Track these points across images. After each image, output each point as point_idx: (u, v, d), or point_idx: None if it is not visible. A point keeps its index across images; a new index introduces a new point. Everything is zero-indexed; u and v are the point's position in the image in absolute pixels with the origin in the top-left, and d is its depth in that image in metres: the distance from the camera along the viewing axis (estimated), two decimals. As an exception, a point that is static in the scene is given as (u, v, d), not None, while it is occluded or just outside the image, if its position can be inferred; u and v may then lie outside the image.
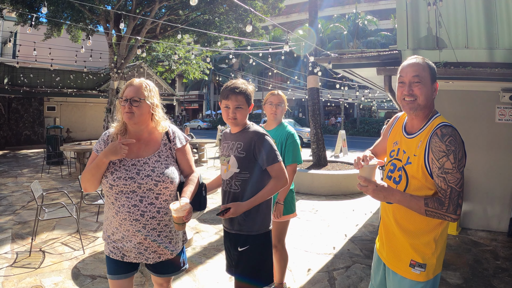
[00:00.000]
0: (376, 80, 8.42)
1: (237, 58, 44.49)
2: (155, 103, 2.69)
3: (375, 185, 2.13)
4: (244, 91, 2.79)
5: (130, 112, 2.57)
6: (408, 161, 2.24)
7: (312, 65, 11.63)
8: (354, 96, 30.62)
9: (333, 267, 5.15)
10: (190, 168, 2.84)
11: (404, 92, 2.22)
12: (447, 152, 2.05)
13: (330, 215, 7.83)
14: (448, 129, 2.11)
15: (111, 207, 2.60)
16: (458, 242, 6.11)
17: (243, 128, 2.90)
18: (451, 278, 4.75)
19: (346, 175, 10.15)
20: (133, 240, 2.58)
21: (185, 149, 2.84)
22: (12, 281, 4.55)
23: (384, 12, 45.24)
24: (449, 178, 2.05)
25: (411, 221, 2.22)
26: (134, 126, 2.66)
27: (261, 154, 2.77)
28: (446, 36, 5.74)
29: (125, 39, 17.25)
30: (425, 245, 2.20)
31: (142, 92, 2.62)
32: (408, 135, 2.33)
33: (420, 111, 2.22)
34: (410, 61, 2.26)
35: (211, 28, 18.03)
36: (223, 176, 2.94)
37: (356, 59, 6.47)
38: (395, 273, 2.31)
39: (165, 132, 2.78)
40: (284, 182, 2.82)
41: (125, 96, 2.61)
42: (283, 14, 46.33)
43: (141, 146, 2.69)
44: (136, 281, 4.57)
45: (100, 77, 23.31)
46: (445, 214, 2.04)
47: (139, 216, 2.55)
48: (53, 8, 15.48)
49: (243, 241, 2.85)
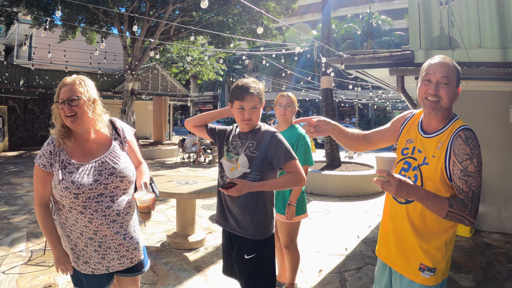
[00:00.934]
0: (389, 80, 8.38)
1: (251, 59, 44.55)
2: (94, 98, 2.53)
3: (399, 180, 1.92)
4: (257, 91, 2.70)
5: (72, 115, 2.39)
6: (425, 162, 2.17)
7: (325, 66, 11.60)
8: (368, 96, 30.45)
9: (344, 268, 5.14)
10: (138, 159, 2.79)
11: (429, 91, 2.13)
12: (471, 155, 2.01)
13: (343, 216, 7.81)
14: (470, 133, 2.08)
15: (79, 217, 2.40)
16: (471, 244, 6.04)
17: (255, 128, 2.80)
18: (463, 281, 4.70)
19: (359, 176, 10.11)
20: (112, 244, 2.48)
21: (133, 141, 2.78)
22: (26, 279, 4.62)
23: (398, 12, 44.89)
24: (471, 181, 2.01)
25: (424, 221, 2.16)
26: (79, 127, 2.46)
27: (277, 152, 2.67)
28: (458, 35, 5.70)
29: (139, 41, 17.39)
30: (436, 249, 2.16)
31: (77, 89, 2.43)
32: (425, 134, 2.25)
33: (441, 112, 2.16)
34: (439, 60, 2.16)
35: (225, 29, 18.08)
36: (229, 174, 2.79)
37: (369, 60, 6.45)
38: (403, 276, 2.25)
39: (111, 126, 2.68)
40: (300, 179, 2.69)
41: (61, 99, 2.41)
42: (297, 14, 46.29)
43: (93, 146, 2.54)
44: (148, 280, 4.62)
45: (115, 78, 23.49)
46: (466, 216, 1.99)
47: (115, 216, 2.46)
48: (68, 11, 15.67)
49: (249, 247, 2.75)
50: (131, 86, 18.46)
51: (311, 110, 52.81)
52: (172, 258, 5.34)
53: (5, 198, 9.07)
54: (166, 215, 7.71)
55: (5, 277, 4.67)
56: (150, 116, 25.83)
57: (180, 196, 5.36)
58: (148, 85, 24.01)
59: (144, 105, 26.94)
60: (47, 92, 20.07)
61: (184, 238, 5.78)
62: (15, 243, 5.93)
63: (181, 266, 5.08)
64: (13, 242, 5.96)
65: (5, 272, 4.82)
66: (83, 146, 2.50)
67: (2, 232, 6.45)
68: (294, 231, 4.12)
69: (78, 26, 18.80)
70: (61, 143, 2.45)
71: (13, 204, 8.45)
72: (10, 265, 5.03)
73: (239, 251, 2.80)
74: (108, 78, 23.02)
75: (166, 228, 6.79)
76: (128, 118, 18.51)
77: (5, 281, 4.55)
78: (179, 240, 5.75)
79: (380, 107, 45.62)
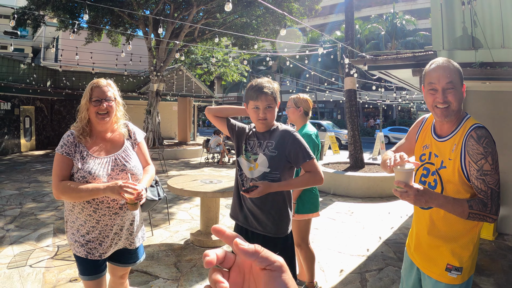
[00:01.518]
0: (412, 81, 8.34)
1: (275, 60, 44.53)
2: (120, 101, 2.82)
3: (417, 190, 1.97)
4: (272, 90, 2.73)
5: (105, 112, 2.66)
6: (442, 165, 2.19)
7: (349, 67, 11.58)
8: (392, 97, 30.17)
9: (365, 268, 5.15)
10: (147, 161, 3.00)
11: (438, 99, 2.14)
12: (485, 154, 2.03)
13: (366, 217, 7.80)
14: (482, 131, 2.08)
15: (86, 206, 2.60)
16: (494, 248, 5.98)
17: (272, 127, 2.84)
18: (484, 284, 4.67)
19: (383, 178, 10.06)
20: (110, 233, 2.69)
21: (143, 143, 3.00)
22: (52, 272, 4.78)
23: (422, 12, 44.26)
24: (488, 180, 2.02)
25: (449, 223, 2.18)
26: (105, 126, 2.74)
27: (296, 152, 2.72)
28: (481, 35, 5.65)
29: (164, 43, 17.58)
30: (463, 247, 2.17)
31: (111, 91, 2.72)
32: (439, 138, 2.27)
33: (454, 116, 2.18)
34: (437, 65, 2.17)
35: (248, 30, 18.15)
36: (247, 174, 2.82)
37: (392, 60, 6.45)
38: (430, 277, 2.28)
39: (125, 128, 2.90)
40: (319, 178, 2.75)
41: (96, 97, 2.65)
42: (320, 15, 46.03)
43: (108, 144, 2.77)
44: (171, 276, 4.73)
45: (140, 79, 23.79)
46: (488, 215, 2.00)
47: (118, 209, 2.67)
48: (93, 14, 15.95)
49: (272, 245, 2.74)
50: (156, 87, 18.70)
51: (335, 111, 52.56)
52: (195, 256, 5.44)
53: (33, 195, 9.31)
54: (190, 214, 7.83)
55: (32, 270, 4.84)
56: (175, 117, 26.07)
57: (205, 195, 5.46)
58: (173, 86, 24.26)
59: (169, 106, 27.20)
60: (74, 93, 20.46)
61: (207, 236, 5.87)
62: (42, 238, 6.12)
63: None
64: (40, 237, 6.15)
65: (32, 265, 5.00)
66: (100, 143, 2.73)
67: (29, 227, 6.66)
68: (305, 230, 4.16)
69: (103, 28, 19.12)
70: (81, 139, 2.66)
71: (40, 201, 8.67)
72: (37, 259, 5.21)
73: None
74: (133, 79, 23.34)
75: (190, 226, 6.90)
76: (153, 119, 18.74)
77: (32, 274, 4.72)
78: (203, 238, 5.85)
79: (404, 108, 45.11)
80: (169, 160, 17.11)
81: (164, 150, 16.60)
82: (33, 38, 35.73)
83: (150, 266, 5.01)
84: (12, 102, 18.36)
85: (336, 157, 17.66)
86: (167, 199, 7.70)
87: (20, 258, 5.26)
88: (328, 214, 8.00)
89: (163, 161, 15.11)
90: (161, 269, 4.94)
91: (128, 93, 22.64)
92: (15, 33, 18.11)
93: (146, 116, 18.87)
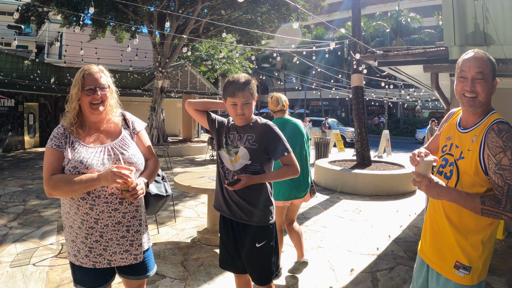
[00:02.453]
0: (422, 78, 8.24)
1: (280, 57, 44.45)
2: (114, 88, 2.59)
3: (429, 181, 2.04)
4: (248, 86, 2.77)
5: (99, 102, 2.43)
6: (461, 156, 2.17)
7: (357, 63, 11.48)
8: (398, 95, 30.08)
9: (376, 268, 5.06)
10: (149, 153, 2.75)
11: (466, 87, 2.13)
12: (504, 148, 1.98)
13: (374, 216, 7.71)
14: (504, 125, 2.04)
15: (81, 204, 2.35)
16: (504, 247, 5.88)
17: (252, 121, 2.89)
18: (496, 284, 4.58)
19: (390, 175, 9.97)
20: (114, 236, 2.41)
21: (143, 133, 2.78)
22: (56, 271, 4.71)
23: (428, 9, 44.13)
24: (506, 175, 1.96)
25: (461, 218, 2.14)
26: (98, 116, 2.49)
27: (275, 145, 2.81)
28: (493, 31, 5.55)
29: (169, 39, 17.53)
30: (472, 246, 2.12)
31: (104, 78, 2.48)
32: (462, 129, 2.25)
33: (480, 108, 2.15)
34: (472, 54, 2.16)
35: (253, 27, 18.07)
36: (229, 166, 2.88)
37: (402, 56, 6.34)
38: (439, 274, 2.24)
39: (122, 118, 2.68)
40: (295, 171, 2.86)
41: (88, 86, 2.40)
42: (325, 12, 45.90)
43: (103, 135, 2.53)
44: (178, 275, 4.65)
45: (145, 76, 23.75)
46: (502, 212, 1.95)
47: (117, 204, 2.40)
48: (98, 10, 15.89)
49: (258, 234, 2.87)
50: (161, 83, 18.65)
51: (339, 109, 52.50)
52: (202, 254, 5.35)
53: (36, 192, 9.25)
54: (196, 211, 7.74)
55: (35, 269, 4.76)
56: (180, 114, 26.02)
57: (212, 192, 5.34)
58: (177, 83, 24.19)
59: (173, 103, 27.17)
60: (78, 90, 20.43)
61: (215, 234, 5.78)
62: (45, 236, 6.05)
63: (211, 262, 5.07)
64: (44, 235, 6.08)
65: (36, 264, 4.93)
66: (94, 134, 2.49)
67: (33, 225, 6.59)
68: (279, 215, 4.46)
69: (107, 25, 19.05)
70: (73, 131, 2.44)
71: (43, 198, 8.61)
72: (40, 257, 5.14)
73: (250, 241, 2.87)
74: (138, 76, 23.31)
75: (197, 224, 6.82)
76: (157, 116, 18.70)
77: (35, 273, 4.65)
78: (210, 236, 5.76)
79: (409, 106, 44.99)
80: (173, 157, 17.06)
81: (169, 147, 16.53)
82: (37, 34, 35.82)
83: (156, 265, 4.91)
84: (16, 99, 18.33)
85: (342, 155, 17.59)
86: (173, 196, 7.62)
87: (23, 256, 5.19)
88: (336, 212, 7.90)
89: (168, 158, 15.07)
90: (168, 268, 4.86)
91: (133, 90, 22.63)
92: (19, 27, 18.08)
93: (151, 113, 18.83)
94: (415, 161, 2.11)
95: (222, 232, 3.07)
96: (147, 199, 2.80)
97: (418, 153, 2.11)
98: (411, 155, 2.17)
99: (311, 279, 4.65)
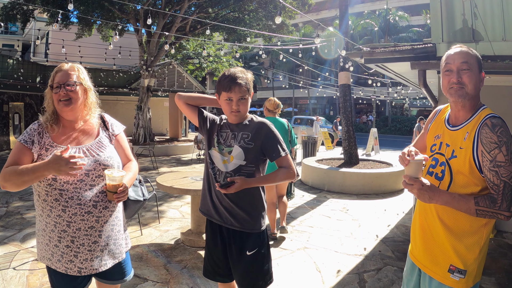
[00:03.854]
0: (409, 75, 8.17)
1: (267, 55, 44.37)
2: (90, 86, 2.48)
3: (421, 184, 1.96)
4: (245, 81, 2.60)
5: (67, 99, 2.32)
6: (453, 155, 2.08)
7: (344, 60, 11.40)
8: (386, 93, 30.14)
9: (363, 269, 4.97)
10: (127, 157, 2.65)
11: (452, 79, 2.08)
12: (499, 143, 1.90)
13: (361, 215, 7.63)
14: (498, 120, 1.97)
15: (54, 205, 2.26)
16: (494, 246, 5.84)
17: (247, 118, 2.74)
18: (486, 284, 4.52)
19: (378, 174, 9.91)
20: (86, 241, 2.32)
21: (122, 136, 2.65)
22: (36, 275, 4.56)
23: (416, 8, 44.42)
24: (501, 172, 1.89)
25: (455, 220, 2.06)
26: (70, 114, 2.38)
27: (272, 146, 2.66)
28: (482, 28, 5.50)
29: (155, 37, 17.39)
30: (468, 248, 2.04)
31: (75, 75, 2.39)
32: (452, 127, 2.17)
33: (468, 100, 2.08)
34: (457, 49, 2.13)
35: (241, 25, 17.99)
36: (221, 167, 2.69)
37: (389, 53, 6.24)
38: (431, 278, 2.15)
39: (100, 119, 2.58)
40: (293, 173, 2.70)
41: (56, 83, 2.34)
42: (313, 11, 45.99)
43: (79, 135, 2.43)
44: (160, 278, 4.52)
45: (131, 75, 23.52)
46: (498, 212, 1.88)
47: (91, 207, 2.30)
48: (84, 8, 15.69)
49: (250, 242, 2.69)
50: (147, 82, 18.50)
51: (327, 107, 52.58)
52: (186, 256, 5.22)
53: (19, 193, 9.03)
54: (181, 212, 7.61)
55: (15, 273, 4.61)
56: (166, 113, 25.85)
57: (195, 193, 5.23)
58: (164, 81, 24.00)
59: (160, 102, 26.98)
60: (63, 89, 20.25)
61: (198, 235, 5.66)
62: (27, 238, 5.88)
63: (195, 264, 4.95)
64: (25, 237, 5.91)
65: (16, 268, 4.77)
66: (69, 134, 2.40)
67: (14, 227, 6.42)
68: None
69: (94, 23, 18.84)
70: (47, 126, 2.36)
71: (27, 199, 8.42)
72: (21, 261, 4.98)
73: (240, 248, 2.70)
74: (124, 74, 23.06)
75: (181, 225, 6.68)
76: (144, 115, 18.55)
77: (15, 277, 4.50)
78: (194, 237, 5.63)
79: (397, 104, 45.20)
80: (160, 157, 16.90)
81: (155, 146, 16.38)
82: (22, 33, 35.43)
83: (138, 267, 4.78)
84: (1, 98, 18.04)
85: (330, 153, 17.55)
86: (157, 197, 7.48)
87: (3, 260, 5.03)
88: (323, 212, 7.81)
89: (154, 157, 14.91)
90: (150, 271, 4.73)
91: (119, 89, 22.39)
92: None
93: (137, 112, 18.66)
94: (405, 161, 2.02)
95: (208, 239, 2.87)
96: (125, 203, 2.71)
97: (408, 152, 2.03)
98: (400, 154, 2.09)
99: (297, 281, 4.55)
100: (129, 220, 6.44)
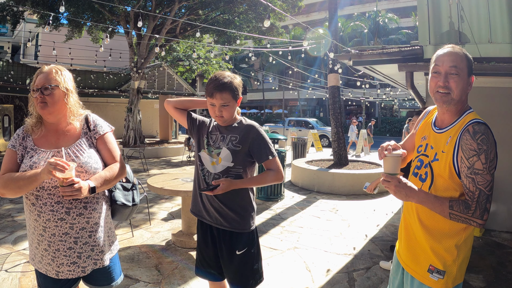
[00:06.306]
0: (397, 77, 8.27)
1: (258, 57, 44.37)
2: (69, 88, 2.42)
3: (398, 181, 1.96)
4: (229, 87, 2.60)
5: (43, 102, 2.30)
6: (436, 158, 2.07)
7: (333, 62, 11.49)
8: (375, 94, 30.32)
9: (353, 268, 5.03)
10: (113, 158, 2.55)
11: (439, 83, 2.03)
12: (479, 151, 1.89)
13: (351, 215, 7.70)
14: (481, 127, 1.93)
15: (31, 209, 2.28)
16: (482, 244, 5.93)
17: (236, 121, 2.78)
18: (474, 281, 4.60)
19: (367, 175, 9.99)
20: (61, 246, 2.29)
21: (108, 137, 2.56)
22: (29, 277, 4.55)
23: (405, 10, 44.67)
24: (478, 180, 1.88)
25: (434, 221, 2.06)
26: (49, 116, 2.38)
27: (260, 148, 2.69)
28: (468, 30, 5.60)
29: (145, 39, 17.37)
30: (446, 250, 2.04)
31: (53, 78, 2.35)
32: (437, 129, 2.15)
33: (454, 105, 2.04)
34: (447, 49, 2.06)
35: (231, 27, 18.02)
36: (210, 169, 2.72)
37: (377, 55, 6.34)
38: (413, 278, 2.17)
39: (84, 121, 2.53)
40: (281, 176, 2.73)
41: (35, 86, 2.33)
42: (303, 13, 46.03)
43: (59, 137, 2.41)
44: (152, 279, 4.55)
45: (121, 77, 23.45)
46: (470, 218, 1.87)
47: (64, 214, 2.27)
48: (74, 9, 15.64)
49: (240, 241, 2.74)
50: (137, 84, 18.46)
51: (317, 109, 52.70)
52: (177, 257, 5.26)
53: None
54: (172, 214, 7.63)
55: (7, 275, 4.61)
56: (157, 115, 25.82)
57: (186, 194, 5.27)
58: (154, 83, 23.97)
59: (150, 104, 26.92)
60: (53, 91, 20.12)
61: (189, 236, 5.69)
62: (18, 241, 5.86)
63: (186, 265, 4.99)
64: (16, 240, 5.90)
65: (8, 270, 4.76)
66: (50, 137, 2.40)
67: (6, 230, 6.40)
68: None
69: (84, 25, 18.78)
70: (29, 129, 2.41)
71: (17, 202, 8.37)
72: (13, 263, 4.97)
73: (230, 248, 2.74)
74: (114, 76, 22.98)
75: (172, 226, 6.71)
76: (134, 117, 18.51)
77: (7, 279, 4.49)
78: (185, 238, 5.67)
79: (387, 105, 45.42)
80: (150, 159, 16.87)
81: (145, 148, 16.37)
82: (12, 35, 35.18)
83: (130, 269, 4.81)
84: (-10, 100, 17.91)
85: (319, 155, 17.62)
86: (148, 199, 7.50)
87: (-6, 262, 5.03)
88: (312, 212, 7.87)
89: (144, 159, 14.89)
90: (141, 272, 4.75)
91: (109, 91, 22.29)
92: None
93: (127, 114, 18.61)
94: (381, 155, 2.04)
95: (200, 239, 2.91)
96: (113, 207, 2.66)
97: (386, 146, 2.05)
98: (379, 148, 2.10)
99: (287, 281, 4.60)
100: (120, 222, 6.46)
